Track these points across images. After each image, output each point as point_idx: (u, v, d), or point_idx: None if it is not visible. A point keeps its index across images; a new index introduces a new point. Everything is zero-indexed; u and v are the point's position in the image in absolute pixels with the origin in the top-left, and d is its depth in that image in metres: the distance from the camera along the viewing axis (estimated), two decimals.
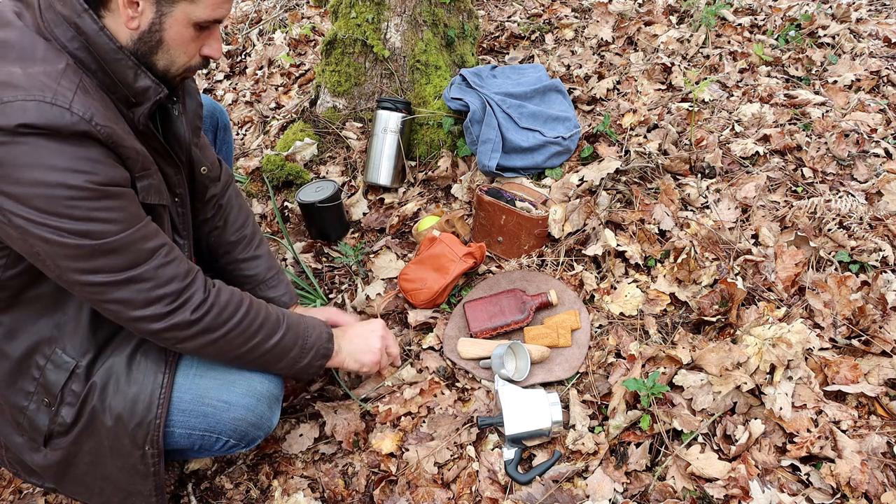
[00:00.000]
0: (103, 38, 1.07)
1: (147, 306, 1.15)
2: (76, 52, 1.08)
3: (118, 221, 1.09)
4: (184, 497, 1.58)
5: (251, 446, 1.40)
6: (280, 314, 1.35)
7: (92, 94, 1.07)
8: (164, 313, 1.16)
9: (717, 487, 1.38)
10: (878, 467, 1.37)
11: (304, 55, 3.53)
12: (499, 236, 2.05)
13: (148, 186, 1.18)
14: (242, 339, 1.27)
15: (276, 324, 1.32)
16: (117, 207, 1.09)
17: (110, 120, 1.07)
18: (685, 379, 1.56)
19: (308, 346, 1.37)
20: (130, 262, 1.12)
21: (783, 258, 1.81)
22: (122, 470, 1.28)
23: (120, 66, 1.10)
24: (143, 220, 1.15)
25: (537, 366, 1.72)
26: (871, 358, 1.56)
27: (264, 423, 1.37)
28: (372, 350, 1.51)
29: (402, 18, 2.40)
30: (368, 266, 2.15)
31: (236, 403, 1.31)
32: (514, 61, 2.93)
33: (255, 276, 1.62)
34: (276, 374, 1.40)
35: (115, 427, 1.25)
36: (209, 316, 1.21)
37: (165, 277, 1.15)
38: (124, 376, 1.25)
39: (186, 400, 1.29)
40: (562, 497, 1.45)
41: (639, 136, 2.31)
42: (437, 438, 1.61)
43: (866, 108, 2.39)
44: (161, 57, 1.14)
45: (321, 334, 1.41)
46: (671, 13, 3.18)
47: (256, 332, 1.28)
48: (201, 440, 1.32)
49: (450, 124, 2.38)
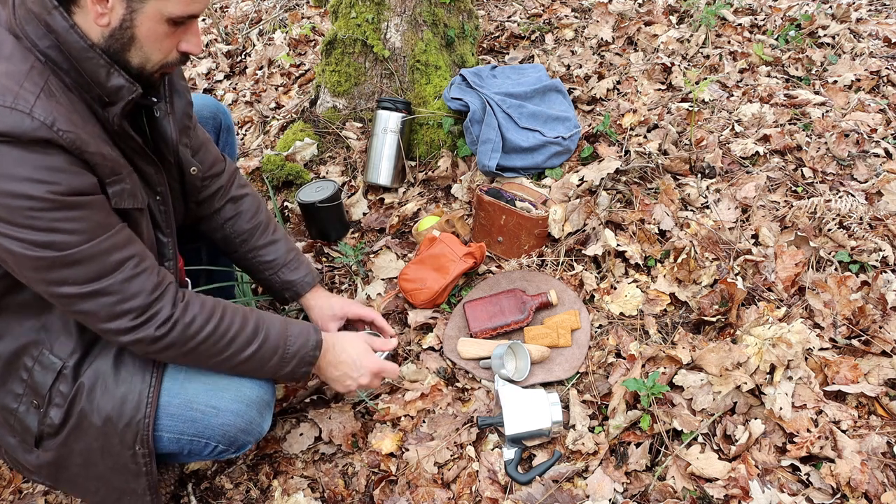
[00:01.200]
0: (73, 36, 1.04)
1: (111, 320, 1.13)
2: (47, 51, 1.05)
3: (81, 232, 1.06)
4: (184, 497, 1.58)
5: (241, 452, 1.39)
6: (260, 324, 1.30)
7: (58, 97, 1.04)
8: (128, 328, 1.14)
9: (717, 487, 1.38)
10: (878, 467, 1.37)
11: (304, 55, 3.53)
12: (499, 236, 2.05)
13: (120, 191, 1.14)
14: (212, 352, 1.24)
15: (251, 335, 1.28)
16: (81, 218, 1.06)
17: (75, 124, 1.04)
18: (685, 379, 1.56)
19: (289, 355, 1.33)
20: (94, 275, 1.09)
21: (783, 258, 1.81)
22: (113, 470, 1.28)
23: (91, 65, 1.07)
24: (111, 230, 1.11)
25: (537, 366, 1.72)
26: (871, 358, 1.56)
27: (254, 429, 1.36)
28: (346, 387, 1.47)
29: (402, 18, 2.40)
30: (368, 266, 2.15)
31: (225, 409, 1.30)
32: (514, 61, 2.93)
33: (274, 260, 1.60)
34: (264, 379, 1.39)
35: (104, 428, 1.24)
36: (174, 332, 1.18)
37: (131, 292, 1.13)
38: (112, 377, 1.24)
39: (175, 405, 1.28)
40: (562, 497, 1.45)
41: (639, 136, 2.32)
42: (437, 438, 1.61)
43: (866, 108, 2.39)
44: (135, 54, 1.11)
45: (307, 341, 1.36)
46: (671, 13, 3.18)
47: (228, 345, 1.25)
48: (190, 445, 1.31)
49: (450, 124, 2.38)
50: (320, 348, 1.38)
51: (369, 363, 1.47)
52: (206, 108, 1.66)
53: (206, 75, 3.70)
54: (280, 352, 1.32)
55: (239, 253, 1.61)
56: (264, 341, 1.29)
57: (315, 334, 1.38)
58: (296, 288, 1.62)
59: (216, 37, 3.98)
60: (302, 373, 1.37)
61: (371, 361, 1.48)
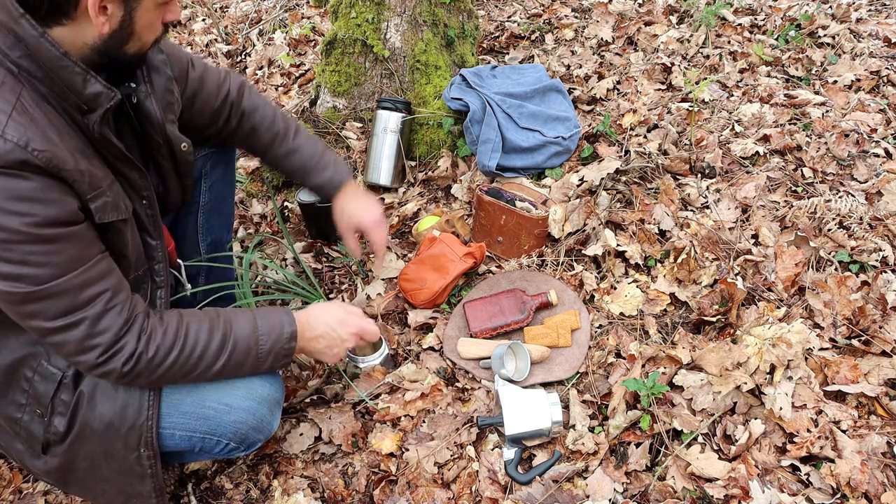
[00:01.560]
0: (45, 45, 1.00)
1: (79, 354, 1.12)
2: (19, 61, 1.01)
3: (55, 265, 1.04)
4: (184, 497, 1.58)
5: (251, 450, 1.40)
6: (228, 332, 1.26)
7: (31, 113, 1.01)
8: (95, 363, 1.13)
9: (717, 487, 1.38)
10: (878, 467, 1.37)
11: (304, 55, 3.53)
12: (499, 236, 2.05)
13: (103, 206, 1.12)
14: (182, 372, 1.23)
15: (219, 348, 1.25)
16: (55, 251, 1.04)
17: (51, 140, 1.02)
18: (685, 379, 1.56)
19: (263, 353, 1.30)
20: (65, 310, 1.07)
21: (783, 258, 1.81)
22: (119, 473, 1.29)
23: (66, 73, 1.04)
24: (86, 264, 1.09)
25: (537, 366, 1.72)
26: (871, 358, 1.56)
27: (265, 427, 1.37)
28: (334, 356, 1.44)
29: (402, 18, 2.40)
30: (368, 266, 2.15)
31: (237, 406, 1.31)
32: (514, 61, 2.93)
33: (300, 167, 1.65)
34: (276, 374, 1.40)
35: (107, 433, 1.25)
36: (140, 366, 1.16)
37: (101, 328, 1.11)
38: (111, 383, 1.24)
39: (187, 402, 1.29)
40: (562, 497, 1.45)
41: (639, 136, 2.31)
42: (437, 438, 1.61)
43: (866, 108, 2.39)
44: (132, 45, 1.12)
45: (280, 336, 1.32)
46: (671, 13, 3.18)
47: (196, 364, 1.23)
48: (202, 442, 1.32)
49: (450, 124, 2.38)
50: (295, 339, 1.34)
51: (347, 327, 1.43)
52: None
53: None
54: (253, 353, 1.29)
55: (267, 161, 1.69)
56: (234, 349, 1.26)
57: (288, 326, 1.33)
58: (326, 191, 1.68)
59: (216, 37, 3.98)
60: (281, 365, 1.36)
61: (349, 325, 1.43)
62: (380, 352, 1.79)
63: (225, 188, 1.77)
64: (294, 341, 1.34)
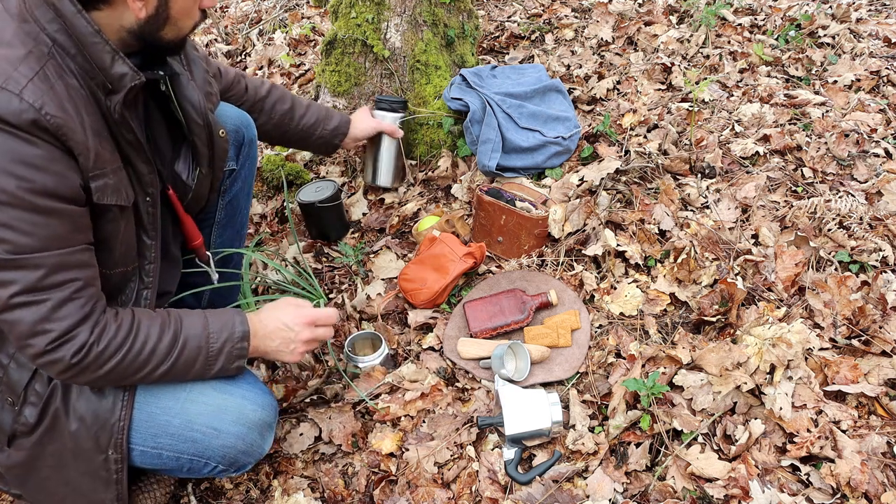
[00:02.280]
0: (81, 21, 1.05)
1: (31, 337, 1.08)
2: (55, 35, 1.06)
3: (36, 237, 1.04)
4: (184, 497, 1.58)
5: (241, 471, 1.38)
6: (178, 332, 1.23)
7: (53, 83, 1.04)
8: (43, 350, 1.09)
9: (717, 487, 1.38)
10: (878, 467, 1.37)
11: (304, 55, 3.53)
12: (499, 236, 2.05)
13: (103, 186, 1.12)
14: (128, 372, 1.19)
15: (169, 347, 1.21)
16: (42, 224, 1.04)
17: (66, 111, 1.04)
18: (685, 379, 1.56)
19: (213, 353, 1.26)
20: (32, 286, 1.06)
21: (783, 258, 1.81)
22: (84, 476, 1.26)
23: (97, 50, 1.08)
24: (68, 247, 1.08)
25: (537, 366, 1.72)
26: (871, 358, 1.56)
27: (255, 451, 1.35)
28: (292, 353, 1.39)
29: (402, 18, 2.40)
30: (368, 266, 2.15)
31: (226, 431, 1.29)
32: (514, 61, 2.93)
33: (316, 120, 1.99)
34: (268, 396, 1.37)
35: (78, 430, 1.22)
36: (88, 359, 1.13)
37: (59, 315, 1.09)
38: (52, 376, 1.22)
39: (175, 424, 1.27)
40: (562, 497, 1.45)
41: (639, 136, 2.31)
42: (437, 438, 1.61)
43: (866, 108, 2.39)
44: (169, 31, 1.15)
45: (232, 335, 1.28)
46: (671, 13, 3.18)
47: (144, 363, 1.19)
48: (190, 463, 1.31)
49: (450, 124, 2.38)
50: (248, 339, 1.30)
51: (299, 318, 1.38)
52: (231, 120, 1.64)
53: None
54: (203, 352, 1.25)
55: (290, 131, 1.96)
56: (183, 347, 1.23)
57: (240, 325, 1.29)
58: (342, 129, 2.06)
59: (216, 37, 3.98)
60: (234, 368, 1.30)
61: (300, 316, 1.38)
62: (380, 352, 1.79)
63: (241, 202, 1.79)
64: (246, 341, 1.30)
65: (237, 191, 1.75)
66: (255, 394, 1.35)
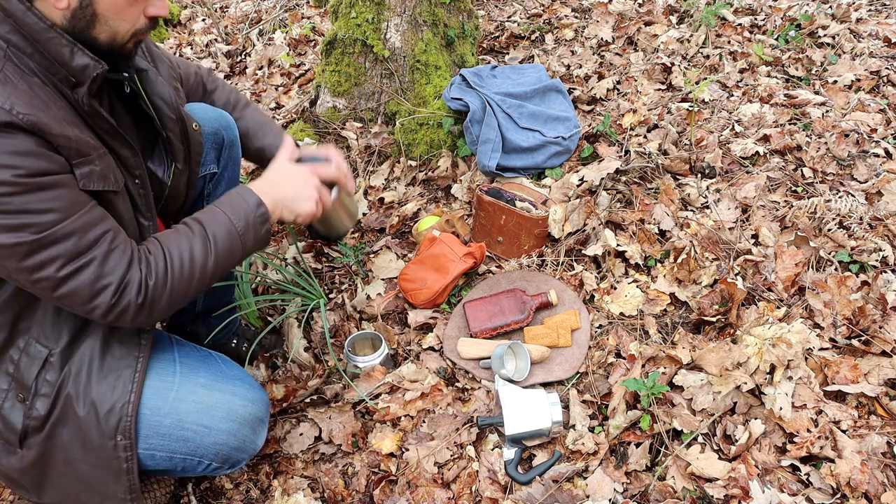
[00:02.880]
0: (32, 18, 1.03)
1: (93, 298, 1.11)
2: (8, 36, 1.04)
3: (56, 211, 1.05)
4: (184, 497, 1.58)
5: (236, 468, 1.38)
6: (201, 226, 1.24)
7: (15, 83, 1.03)
8: (110, 304, 1.12)
9: (717, 487, 1.38)
10: (878, 467, 1.37)
11: (304, 55, 3.53)
12: (499, 236, 2.05)
13: (89, 173, 1.12)
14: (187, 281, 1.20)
15: (203, 244, 1.22)
16: (52, 198, 1.05)
17: (36, 107, 1.03)
18: (685, 379, 1.56)
19: (242, 229, 1.26)
20: (73, 252, 1.07)
21: (783, 258, 1.81)
22: (95, 468, 1.26)
23: (53, 45, 1.05)
24: (85, 207, 1.10)
25: (537, 366, 1.72)
26: (871, 358, 1.56)
27: (248, 447, 1.35)
28: (308, 198, 1.36)
29: (402, 18, 2.40)
30: (368, 266, 2.15)
31: (216, 428, 1.29)
32: (514, 61, 2.93)
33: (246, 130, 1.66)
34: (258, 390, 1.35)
35: (88, 415, 1.22)
36: (150, 290, 1.15)
37: (109, 267, 1.11)
38: (98, 361, 1.24)
39: (166, 424, 1.27)
40: (562, 497, 1.45)
41: (639, 136, 2.31)
42: (437, 438, 1.61)
43: (866, 108, 2.39)
44: (101, 30, 1.10)
45: (248, 205, 1.28)
46: (671, 13, 3.18)
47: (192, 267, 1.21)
48: (183, 462, 1.30)
49: (450, 124, 2.38)
50: (262, 204, 1.29)
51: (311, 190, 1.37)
52: (209, 122, 1.61)
53: None
54: (235, 234, 1.26)
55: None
56: (216, 240, 1.24)
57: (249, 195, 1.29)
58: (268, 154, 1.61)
59: (216, 37, 3.98)
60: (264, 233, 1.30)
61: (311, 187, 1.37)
62: (380, 352, 1.79)
63: None
64: (262, 206, 1.29)
65: (221, 193, 1.68)
66: (245, 389, 1.35)
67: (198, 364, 1.34)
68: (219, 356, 1.41)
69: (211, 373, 1.34)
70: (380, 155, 2.52)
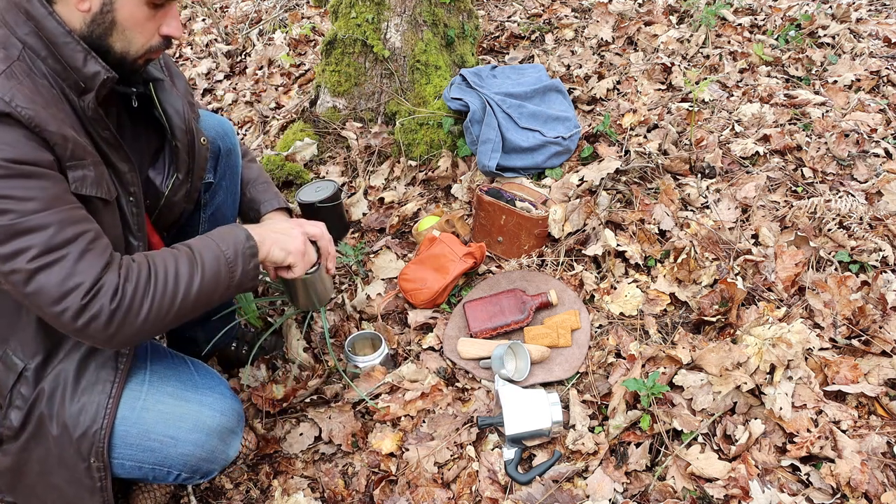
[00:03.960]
0: (52, 22, 1.06)
1: (63, 298, 1.06)
2: (26, 38, 1.07)
3: (37, 200, 1.04)
4: (184, 497, 1.58)
5: (208, 478, 1.36)
6: (188, 248, 1.23)
7: (20, 79, 1.04)
8: (80, 306, 1.07)
9: (717, 487, 1.38)
10: (878, 467, 1.37)
11: (304, 55, 3.53)
12: (499, 236, 2.05)
13: (82, 177, 1.11)
14: (168, 299, 1.16)
15: (190, 266, 1.20)
16: (36, 187, 1.04)
17: (37, 103, 1.04)
18: (685, 379, 1.56)
19: (231, 257, 1.24)
20: (47, 245, 1.05)
21: (783, 258, 1.81)
22: (69, 483, 1.25)
23: (69, 50, 1.08)
24: (68, 204, 1.09)
25: (537, 366, 1.72)
26: (871, 358, 1.56)
27: (217, 457, 1.31)
28: (294, 237, 1.36)
29: (402, 18, 2.40)
30: (368, 266, 2.15)
31: (183, 439, 1.26)
32: (514, 61, 2.93)
33: (246, 179, 1.66)
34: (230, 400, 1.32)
35: (61, 436, 1.21)
36: (126, 298, 1.11)
37: (81, 268, 1.08)
38: (72, 384, 1.22)
39: (133, 434, 1.25)
40: (562, 497, 1.45)
41: (639, 136, 2.32)
42: (437, 438, 1.61)
43: (866, 108, 2.39)
44: (117, 39, 1.12)
45: (237, 237, 1.27)
46: (671, 13, 3.18)
47: (176, 285, 1.17)
48: (153, 472, 1.29)
49: (450, 124, 2.38)
50: (252, 238, 1.29)
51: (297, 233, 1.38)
52: (206, 130, 1.57)
53: (206, 75, 3.70)
54: (222, 259, 1.23)
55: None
56: (203, 263, 1.21)
57: (240, 229, 1.29)
58: (258, 207, 1.63)
59: (216, 37, 3.98)
60: (252, 268, 1.28)
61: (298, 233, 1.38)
62: (380, 352, 1.79)
63: (226, 213, 1.73)
64: (252, 240, 1.28)
65: (220, 203, 1.69)
66: (215, 399, 1.32)
67: (169, 372, 1.31)
68: (193, 363, 1.38)
69: (181, 382, 1.31)
70: (380, 155, 2.52)
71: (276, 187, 1.72)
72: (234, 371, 1.88)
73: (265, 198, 1.65)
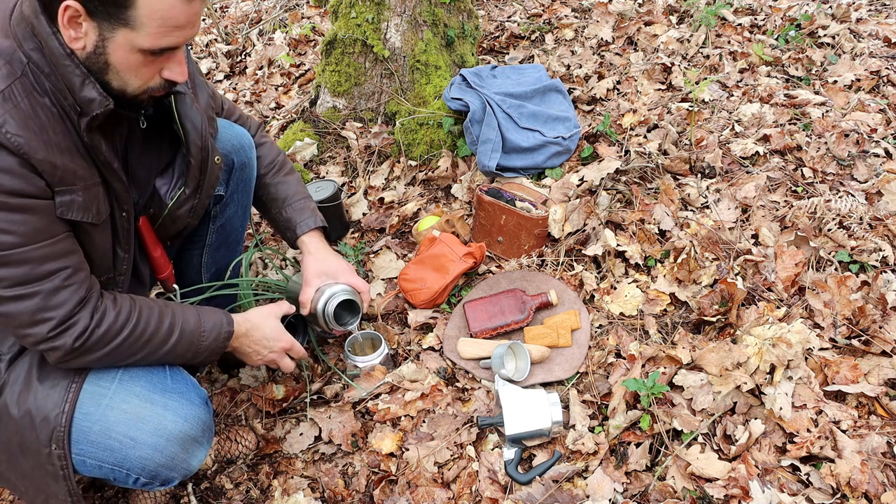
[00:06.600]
0: (54, 42, 1.06)
1: (31, 326, 1.12)
2: (31, 53, 1.07)
3: (18, 235, 1.06)
4: (184, 497, 1.58)
5: (168, 485, 1.33)
6: (175, 322, 1.29)
7: (18, 101, 1.04)
8: (46, 337, 1.13)
9: (717, 487, 1.38)
10: (878, 467, 1.37)
11: (304, 55, 3.53)
12: (499, 236, 2.05)
13: (69, 202, 1.13)
14: (127, 353, 1.23)
15: (166, 335, 1.27)
16: (20, 221, 1.06)
17: (30, 129, 1.04)
18: (685, 379, 1.56)
19: (203, 349, 1.33)
20: (23, 279, 1.09)
21: (783, 258, 1.81)
22: (35, 469, 1.26)
23: (67, 72, 1.08)
24: (51, 238, 1.11)
25: (537, 366, 1.72)
26: (871, 358, 1.56)
27: (178, 465, 1.28)
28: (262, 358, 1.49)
29: (402, 18, 2.40)
30: (368, 266, 2.15)
31: (143, 442, 1.24)
32: (514, 61, 2.93)
33: (282, 198, 1.68)
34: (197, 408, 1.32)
35: (23, 421, 1.22)
36: (90, 342, 1.17)
37: (56, 302, 1.12)
38: (36, 370, 1.24)
39: (94, 431, 1.24)
40: (562, 497, 1.45)
41: (639, 136, 2.32)
42: (437, 438, 1.61)
43: (866, 108, 2.39)
44: (112, 78, 1.11)
45: (220, 335, 1.36)
46: (671, 13, 3.18)
47: (142, 346, 1.24)
48: (112, 473, 1.27)
49: (450, 124, 2.38)
50: (230, 339, 1.38)
51: (279, 343, 1.49)
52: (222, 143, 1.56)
53: (205, 75, 3.70)
54: (195, 346, 1.32)
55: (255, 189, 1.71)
56: (179, 339, 1.29)
57: (227, 326, 1.37)
58: (294, 227, 1.66)
59: (216, 37, 3.98)
60: (210, 360, 1.39)
61: (280, 341, 1.50)
62: (380, 352, 1.79)
63: (235, 225, 1.75)
64: (228, 341, 1.38)
65: (230, 215, 1.71)
66: (181, 405, 1.29)
67: (141, 372, 1.30)
68: (171, 366, 1.37)
69: (151, 383, 1.29)
70: (380, 155, 2.52)
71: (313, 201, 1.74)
72: (234, 371, 1.88)
73: (301, 218, 1.67)
